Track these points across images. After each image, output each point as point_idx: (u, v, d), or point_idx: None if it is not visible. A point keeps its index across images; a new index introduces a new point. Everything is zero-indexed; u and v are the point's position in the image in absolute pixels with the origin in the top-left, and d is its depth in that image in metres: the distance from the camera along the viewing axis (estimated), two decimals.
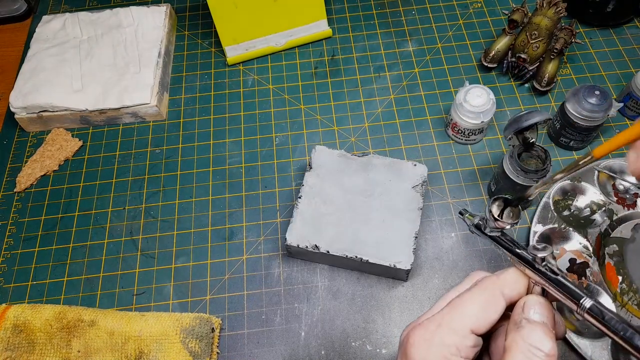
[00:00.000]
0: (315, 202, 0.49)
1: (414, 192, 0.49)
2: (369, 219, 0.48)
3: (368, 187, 0.50)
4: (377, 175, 0.50)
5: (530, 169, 0.47)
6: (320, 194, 0.49)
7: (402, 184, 0.50)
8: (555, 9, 0.57)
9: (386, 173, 0.50)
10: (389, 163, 0.51)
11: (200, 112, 0.62)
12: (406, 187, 0.49)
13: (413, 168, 0.50)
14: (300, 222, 0.48)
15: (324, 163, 0.51)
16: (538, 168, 0.47)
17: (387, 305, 0.48)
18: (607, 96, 0.51)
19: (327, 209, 0.49)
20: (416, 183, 0.49)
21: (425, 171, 0.50)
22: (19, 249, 0.54)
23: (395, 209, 0.48)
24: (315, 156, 0.51)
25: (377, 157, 0.51)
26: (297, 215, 0.48)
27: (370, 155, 0.51)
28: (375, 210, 0.48)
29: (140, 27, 0.65)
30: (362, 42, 0.67)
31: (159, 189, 0.57)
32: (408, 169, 0.50)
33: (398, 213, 0.48)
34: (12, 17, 0.73)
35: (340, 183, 0.50)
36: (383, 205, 0.49)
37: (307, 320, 0.48)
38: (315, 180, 0.50)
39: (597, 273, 0.47)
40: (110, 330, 0.46)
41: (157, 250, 0.53)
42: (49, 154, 0.59)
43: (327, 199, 0.49)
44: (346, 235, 0.47)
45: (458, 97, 0.53)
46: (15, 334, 0.47)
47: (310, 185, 0.50)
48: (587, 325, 0.45)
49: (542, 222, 0.50)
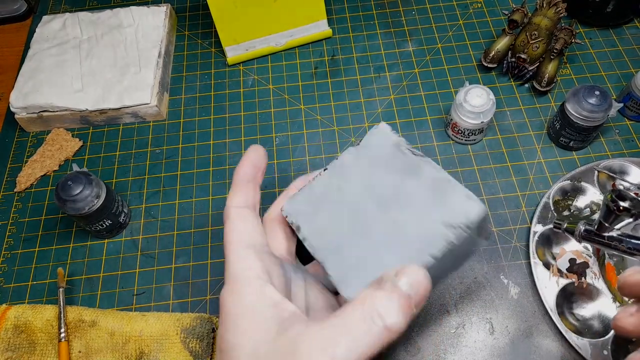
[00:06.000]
0: (332, 183, 0.38)
1: (443, 229, 0.31)
2: (366, 233, 0.34)
3: (392, 194, 0.35)
4: (414, 187, 0.34)
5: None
6: (343, 178, 0.37)
7: (434, 214, 0.32)
8: (555, 9, 0.57)
9: (426, 189, 0.34)
10: (439, 178, 0.34)
11: (200, 112, 0.62)
12: (435, 219, 0.32)
13: (464, 200, 0.32)
14: (306, 196, 0.38)
15: (372, 145, 0.38)
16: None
17: None
18: (607, 96, 0.51)
19: (336, 197, 0.37)
20: (453, 222, 0.31)
21: (477, 214, 0.30)
22: (19, 249, 0.54)
23: (402, 239, 0.33)
24: (371, 135, 0.38)
25: (431, 165, 0.34)
26: (307, 188, 0.38)
27: (424, 159, 0.35)
28: (379, 225, 0.34)
29: (141, 27, 0.65)
30: (362, 42, 0.67)
31: (159, 189, 0.57)
32: (456, 197, 0.32)
33: (403, 245, 0.32)
34: (12, 17, 0.73)
35: (369, 177, 0.37)
36: (391, 225, 0.34)
37: None
38: (351, 161, 0.38)
39: (597, 273, 0.47)
40: (111, 331, 0.46)
41: (157, 250, 0.53)
42: (49, 154, 0.59)
43: (344, 189, 0.37)
44: (332, 234, 0.36)
45: (458, 97, 0.53)
46: (16, 335, 0.47)
47: (341, 164, 0.38)
48: (587, 325, 0.46)
49: (542, 222, 0.50)
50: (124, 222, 0.54)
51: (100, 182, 0.49)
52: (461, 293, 0.49)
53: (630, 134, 0.57)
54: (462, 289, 0.49)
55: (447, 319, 0.47)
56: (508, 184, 0.55)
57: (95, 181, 0.49)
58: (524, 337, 0.46)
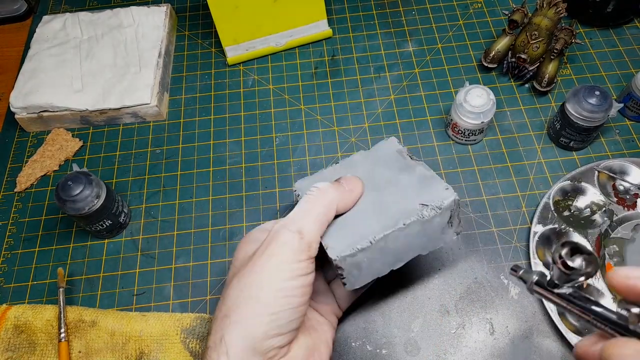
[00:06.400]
0: (340, 171, 0.45)
1: (418, 207, 0.39)
2: (357, 207, 0.41)
3: (386, 183, 0.42)
4: (406, 180, 0.42)
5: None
6: (350, 169, 0.45)
7: (415, 197, 0.40)
8: (555, 9, 0.57)
9: (414, 182, 0.42)
10: (427, 175, 0.42)
11: (200, 112, 0.62)
12: (414, 201, 0.39)
13: (441, 189, 0.40)
14: (316, 178, 0.45)
15: (380, 150, 0.46)
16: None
17: (387, 305, 0.48)
18: (607, 96, 0.51)
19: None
20: (428, 202, 0.39)
21: (450, 199, 0.39)
22: (19, 249, 0.54)
23: (385, 213, 0.40)
24: (380, 143, 0.46)
25: (424, 167, 0.43)
26: (319, 172, 0.46)
27: (420, 162, 0.43)
28: (369, 203, 0.41)
29: (141, 27, 0.65)
30: (362, 42, 0.67)
31: (159, 189, 0.57)
32: (435, 187, 0.40)
33: (384, 216, 0.39)
34: (12, 17, 0.73)
35: (371, 170, 0.44)
36: (379, 203, 0.41)
37: None
38: (360, 160, 0.45)
39: (597, 273, 0.47)
40: (111, 331, 0.46)
41: (157, 250, 0.53)
42: (49, 154, 0.59)
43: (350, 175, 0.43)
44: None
45: (458, 98, 0.53)
46: (16, 335, 0.47)
47: (351, 160, 0.46)
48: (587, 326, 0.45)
49: (542, 222, 0.50)
50: (124, 222, 0.54)
51: (100, 182, 0.49)
52: (461, 293, 0.49)
53: (630, 134, 0.57)
54: (462, 289, 0.49)
55: (447, 319, 0.47)
56: (508, 184, 0.55)
57: (95, 181, 0.49)
58: (524, 338, 0.46)
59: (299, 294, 0.34)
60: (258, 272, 0.34)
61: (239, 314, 0.33)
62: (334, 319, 0.43)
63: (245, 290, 0.34)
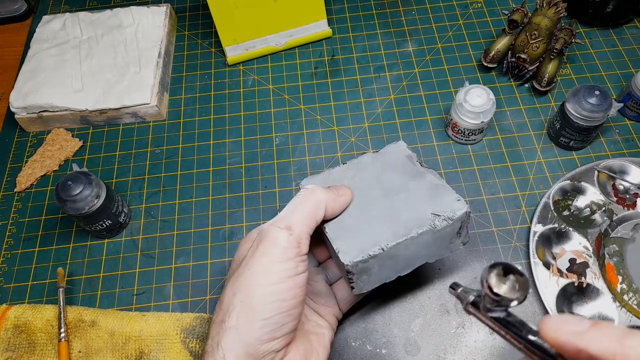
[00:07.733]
0: (348, 172, 0.44)
1: (430, 216, 0.39)
2: (367, 211, 0.41)
3: (396, 188, 0.42)
4: (416, 187, 0.42)
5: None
6: (358, 171, 0.44)
7: (426, 206, 0.40)
8: (555, 9, 0.57)
9: (425, 189, 0.41)
10: (438, 184, 0.42)
11: (200, 112, 0.62)
12: (425, 210, 0.40)
13: (453, 200, 0.40)
14: (323, 177, 0.44)
15: (388, 154, 0.45)
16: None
17: (387, 305, 0.48)
18: (607, 96, 0.51)
19: (349, 182, 0.43)
20: (440, 212, 0.39)
21: (461, 211, 0.39)
22: (19, 249, 0.54)
23: (395, 219, 0.40)
24: (389, 147, 0.46)
25: (434, 175, 0.43)
26: (326, 172, 0.44)
27: (430, 170, 0.43)
28: (379, 207, 0.41)
29: (140, 27, 0.65)
30: (362, 42, 0.67)
31: (159, 189, 0.57)
32: (447, 197, 0.40)
33: (394, 222, 0.40)
34: (12, 17, 0.73)
35: (380, 174, 0.44)
36: (389, 208, 0.41)
37: None
38: (368, 161, 0.45)
39: (597, 273, 0.47)
40: (111, 331, 0.46)
41: (157, 250, 0.53)
42: (49, 154, 0.59)
43: (357, 177, 0.43)
44: (349, 214, 0.41)
45: (458, 97, 0.53)
46: (16, 335, 0.47)
47: (359, 162, 0.45)
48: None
49: (542, 222, 0.50)
50: (124, 222, 0.54)
51: (100, 182, 0.49)
52: None
53: (630, 134, 0.57)
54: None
55: (447, 319, 0.47)
56: (508, 184, 0.55)
57: (95, 181, 0.49)
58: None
59: (290, 297, 0.34)
60: (248, 276, 0.34)
61: (233, 319, 0.34)
62: (334, 321, 0.43)
63: (237, 294, 0.34)
